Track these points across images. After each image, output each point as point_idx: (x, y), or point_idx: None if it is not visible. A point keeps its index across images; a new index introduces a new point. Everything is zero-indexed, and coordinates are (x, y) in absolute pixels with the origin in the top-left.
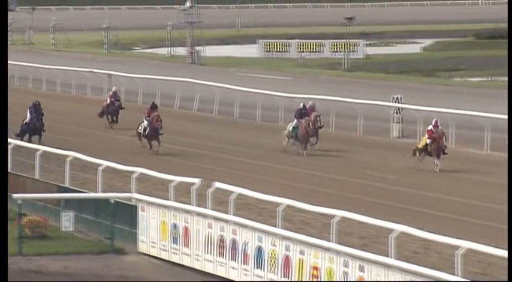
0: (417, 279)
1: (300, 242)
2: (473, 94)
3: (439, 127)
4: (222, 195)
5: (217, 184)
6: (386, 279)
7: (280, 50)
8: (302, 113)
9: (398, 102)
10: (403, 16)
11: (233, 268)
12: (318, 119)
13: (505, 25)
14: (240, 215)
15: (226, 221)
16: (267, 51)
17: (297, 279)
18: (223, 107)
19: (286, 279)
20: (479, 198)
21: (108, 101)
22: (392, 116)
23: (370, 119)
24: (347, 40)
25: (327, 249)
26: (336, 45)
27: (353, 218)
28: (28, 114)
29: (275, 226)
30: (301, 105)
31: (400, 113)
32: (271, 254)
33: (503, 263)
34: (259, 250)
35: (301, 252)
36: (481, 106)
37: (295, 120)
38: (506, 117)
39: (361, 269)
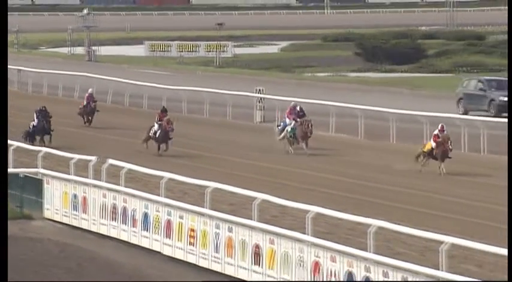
0: (276, 238)
1: (180, 209)
2: (321, 87)
3: (445, 132)
4: (115, 170)
5: (111, 161)
6: (250, 238)
7: (163, 49)
8: (300, 115)
9: (260, 93)
10: (264, 22)
11: (124, 230)
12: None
13: (346, 30)
14: (129, 186)
15: (118, 192)
16: (152, 51)
17: (176, 239)
18: (115, 97)
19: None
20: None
21: (85, 102)
22: (256, 104)
23: (238, 107)
24: (218, 42)
25: (202, 214)
26: (209, 46)
27: (224, 188)
28: (35, 118)
29: (159, 195)
30: (298, 108)
31: (262, 101)
32: (156, 218)
33: (347, 224)
34: (146, 215)
35: (181, 217)
36: (327, 96)
37: (293, 122)
38: (347, 105)
39: (230, 230)
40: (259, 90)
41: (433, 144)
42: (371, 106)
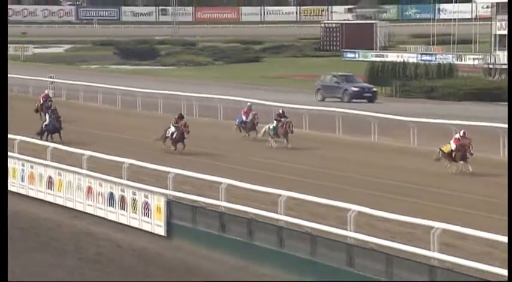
0: (62, 172)
1: (31, 162)
2: (93, 74)
3: (466, 137)
4: None
5: None
6: (45, 172)
7: None
8: (281, 115)
9: (51, 78)
10: (54, 32)
11: None
12: (256, 117)
13: (108, 38)
14: None
15: None
16: None
17: (31, 186)
18: None
19: None
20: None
21: (41, 100)
22: (49, 86)
23: (37, 88)
24: (23, 45)
25: (13, 158)
26: (16, 47)
27: (28, 140)
28: (47, 117)
29: (13, 152)
30: (280, 110)
31: (53, 84)
32: (13, 171)
33: (108, 162)
34: None
35: (32, 167)
36: (97, 80)
37: (275, 122)
38: (110, 86)
39: (32, 167)
40: (51, 76)
41: (453, 146)
42: (125, 87)
